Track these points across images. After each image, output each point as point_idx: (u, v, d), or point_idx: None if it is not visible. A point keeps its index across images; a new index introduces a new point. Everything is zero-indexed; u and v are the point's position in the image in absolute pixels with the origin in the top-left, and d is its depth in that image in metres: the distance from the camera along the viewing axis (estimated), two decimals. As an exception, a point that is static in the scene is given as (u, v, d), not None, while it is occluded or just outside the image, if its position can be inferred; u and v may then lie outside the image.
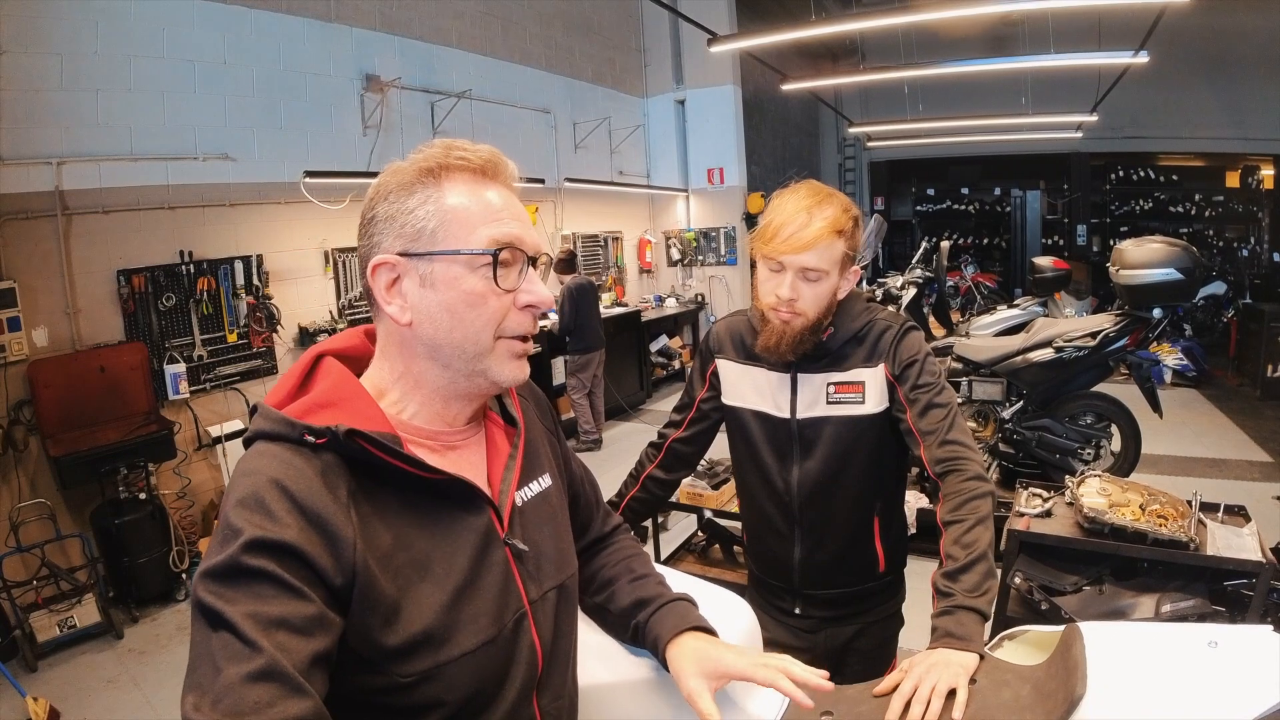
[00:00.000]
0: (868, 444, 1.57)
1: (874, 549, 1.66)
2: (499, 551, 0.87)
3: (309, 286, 5.50)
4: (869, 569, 1.69)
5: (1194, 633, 0.90)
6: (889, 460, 1.62)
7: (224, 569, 0.67)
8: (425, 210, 0.82)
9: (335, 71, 5.66)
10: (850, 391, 1.55)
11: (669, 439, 1.81)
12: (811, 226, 1.42)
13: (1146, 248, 3.68)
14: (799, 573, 1.69)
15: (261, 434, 0.79)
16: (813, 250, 1.43)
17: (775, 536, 1.70)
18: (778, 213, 1.46)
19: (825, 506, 1.61)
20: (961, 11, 5.18)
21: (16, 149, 3.96)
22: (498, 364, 0.86)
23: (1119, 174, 12.55)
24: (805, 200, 1.46)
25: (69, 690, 3.40)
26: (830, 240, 1.43)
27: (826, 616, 1.72)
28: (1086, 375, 4.11)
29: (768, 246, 1.46)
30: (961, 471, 1.40)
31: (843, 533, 1.64)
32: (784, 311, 1.48)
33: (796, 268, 1.45)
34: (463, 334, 0.83)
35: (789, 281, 1.46)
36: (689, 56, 9.64)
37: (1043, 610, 2.31)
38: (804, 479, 1.60)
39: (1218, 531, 2.22)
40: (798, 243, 1.42)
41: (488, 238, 0.82)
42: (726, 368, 1.70)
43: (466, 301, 0.82)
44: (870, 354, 1.54)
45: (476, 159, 0.85)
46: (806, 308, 1.48)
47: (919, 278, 5.63)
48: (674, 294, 9.94)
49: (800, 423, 1.59)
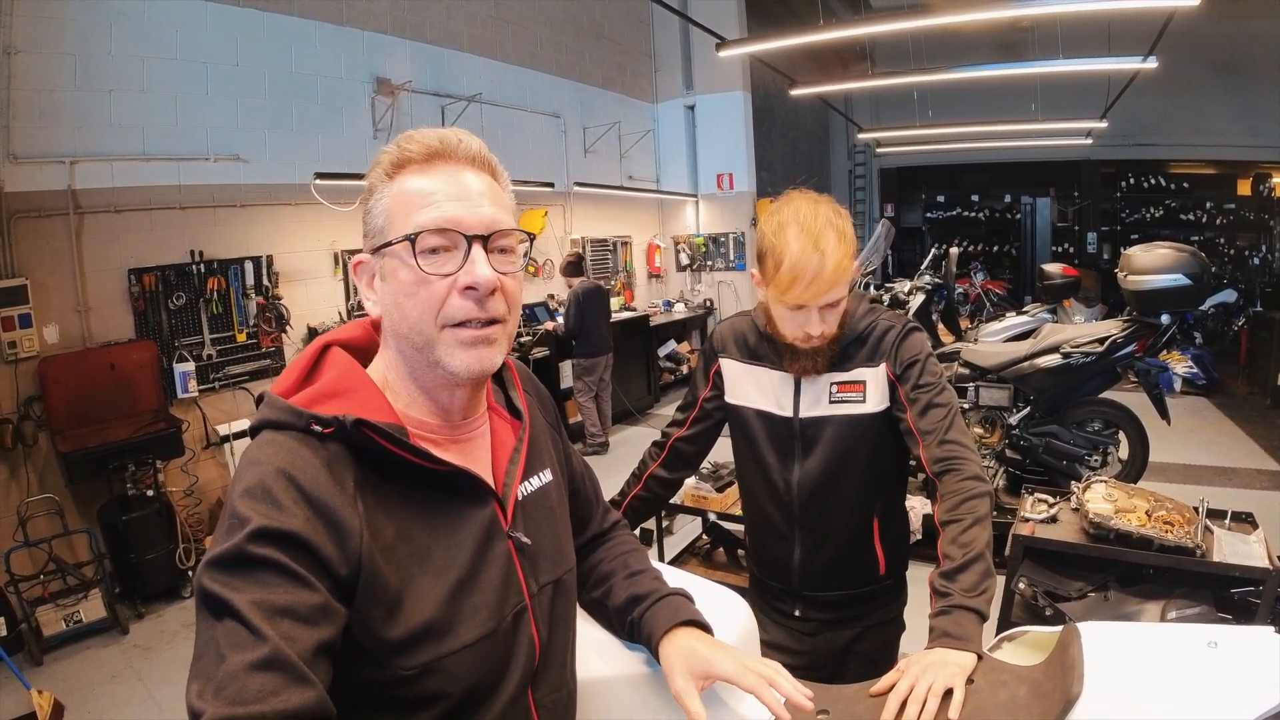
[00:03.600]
0: (868, 444, 1.57)
1: (874, 551, 1.66)
2: (501, 544, 0.88)
3: (318, 288, 5.53)
4: (869, 572, 1.68)
5: (1194, 633, 0.89)
6: (889, 462, 1.62)
7: (230, 557, 0.68)
8: (379, 207, 0.83)
9: (346, 74, 5.71)
10: (852, 391, 1.55)
11: (672, 438, 1.81)
12: (827, 267, 1.38)
13: (1154, 253, 3.66)
14: (799, 574, 1.69)
15: (268, 423, 0.79)
16: (835, 287, 1.41)
17: (775, 537, 1.70)
18: (785, 256, 1.39)
19: (825, 507, 1.61)
20: (971, 16, 5.18)
21: (30, 148, 4.01)
22: (447, 354, 0.82)
23: (1129, 181, 12.49)
24: (808, 236, 1.38)
25: (74, 684, 3.42)
26: (846, 268, 1.41)
27: (826, 619, 1.71)
28: (1094, 382, 4.08)
29: (788, 296, 1.42)
30: (959, 471, 1.39)
31: (843, 534, 1.64)
32: (815, 341, 1.48)
33: (820, 306, 1.43)
34: (408, 325, 0.82)
35: (815, 319, 1.44)
36: (699, 62, 9.66)
37: (1047, 616, 2.30)
38: (805, 478, 1.60)
39: (1224, 538, 2.20)
40: (820, 287, 1.39)
41: (415, 223, 0.81)
42: (730, 367, 1.70)
43: (404, 291, 0.82)
44: (873, 353, 1.54)
45: (420, 147, 0.83)
46: (831, 330, 1.49)
47: (927, 284, 5.60)
48: (683, 299, 9.93)
49: (803, 421, 1.59)
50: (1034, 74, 8.77)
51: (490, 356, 0.84)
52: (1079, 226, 13.02)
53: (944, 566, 1.26)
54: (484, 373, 0.85)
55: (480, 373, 0.84)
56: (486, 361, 0.84)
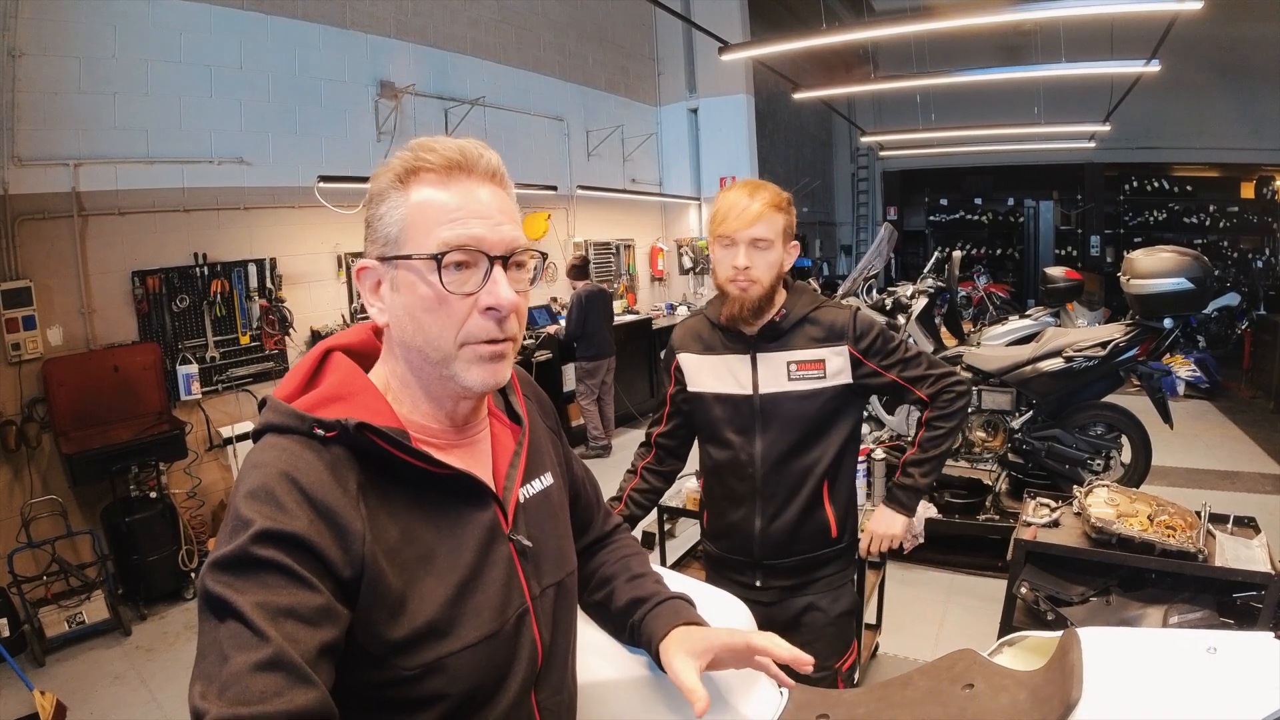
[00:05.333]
0: (824, 415, 1.80)
1: (825, 514, 1.85)
2: (503, 547, 0.88)
3: (322, 290, 5.54)
4: (823, 534, 1.87)
5: (1193, 638, 0.89)
6: (840, 431, 1.84)
7: (233, 559, 0.68)
8: (392, 216, 0.82)
9: (350, 77, 5.72)
10: (811, 369, 1.79)
11: (653, 435, 2.04)
12: (754, 204, 1.67)
13: (1157, 257, 3.66)
14: (759, 542, 1.86)
15: (271, 427, 0.79)
16: (760, 222, 1.67)
17: (737, 509, 1.89)
18: (721, 202, 1.73)
19: (785, 474, 1.82)
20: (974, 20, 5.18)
21: (34, 150, 4.02)
22: (463, 370, 0.83)
23: (1133, 185, 12.50)
24: (744, 188, 1.71)
25: (76, 685, 3.43)
26: (772, 214, 1.68)
27: (786, 586, 1.89)
28: (1097, 385, 4.08)
29: (720, 228, 1.71)
30: (948, 388, 1.85)
31: (798, 499, 1.82)
32: (741, 280, 1.71)
33: (747, 240, 1.68)
34: (424, 339, 0.82)
35: (743, 252, 1.69)
36: (702, 66, 9.67)
37: (1049, 621, 2.30)
38: (768, 450, 1.81)
39: (1227, 543, 2.20)
40: (746, 217, 1.67)
41: (440, 240, 0.80)
42: (688, 360, 1.90)
43: (423, 306, 0.81)
44: (828, 336, 1.78)
45: (440, 159, 0.82)
46: (760, 275, 1.70)
47: (930, 287, 5.59)
48: (686, 302, 9.91)
49: (762, 398, 1.80)
50: (1037, 77, 8.78)
51: (504, 371, 0.86)
52: (1082, 230, 13.02)
53: (914, 455, 1.91)
54: (497, 386, 0.87)
55: (494, 386, 0.86)
56: (500, 375, 0.86)
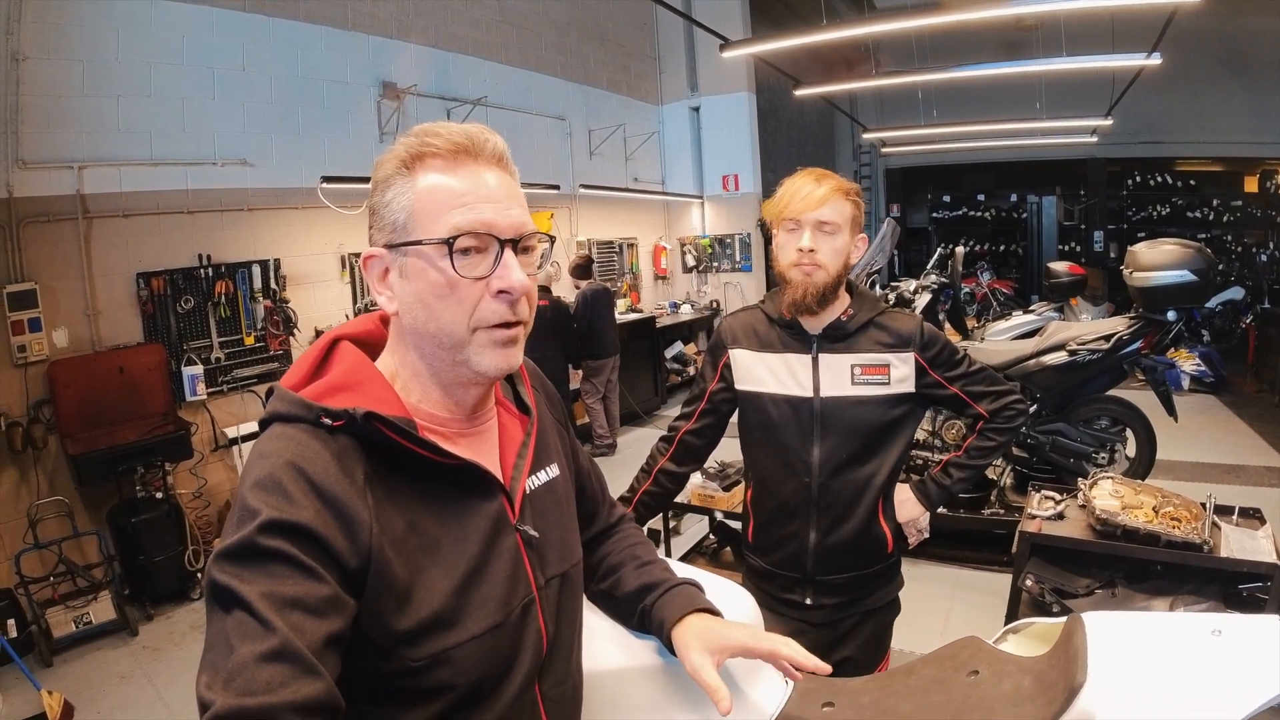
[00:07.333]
0: (886, 423, 1.69)
1: (881, 528, 1.74)
2: (510, 537, 0.88)
3: (326, 290, 5.55)
4: (879, 550, 1.76)
5: (1198, 621, 0.89)
6: (899, 443, 1.73)
7: (240, 549, 0.68)
8: (399, 202, 0.82)
9: (352, 78, 5.73)
10: (876, 374, 1.67)
11: (680, 431, 1.87)
12: (822, 187, 1.60)
13: (1160, 250, 3.66)
14: (813, 558, 1.74)
15: (278, 416, 0.79)
16: (827, 205, 1.59)
17: (791, 521, 1.75)
18: (787, 187, 1.65)
19: (843, 484, 1.70)
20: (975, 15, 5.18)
21: (38, 153, 4.03)
22: (477, 354, 0.83)
23: (1136, 179, 12.45)
24: (809, 174, 1.65)
25: (83, 685, 3.44)
26: (839, 199, 1.61)
27: (837, 603, 1.77)
28: (1101, 379, 4.07)
29: (786, 210, 1.63)
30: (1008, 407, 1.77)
31: (856, 512, 1.71)
32: (806, 264, 1.61)
33: (813, 222, 1.60)
34: (437, 325, 0.82)
35: (808, 235, 1.60)
36: (703, 64, 9.67)
37: (1055, 613, 2.30)
38: (826, 458, 1.68)
39: (1232, 534, 2.20)
40: (812, 200, 1.59)
41: (450, 225, 0.80)
42: (742, 357, 1.77)
43: (434, 292, 0.81)
44: (896, 341, 1.68)
45: (445, 144, 0.82)
46: (825, 260, 1.61)
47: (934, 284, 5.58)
48: (689, 300, 9.93)
49: (824, 401, 1.68)
50: (1038, 72, 8.77)
51: (516, 355, 0.86)
52: (1085, 225, 12.97)
53: (959, 459, 1.81)
54: (509, 370, 0.87)
55: (506, 371, 0.86)
56: (513, 359, 0.86)
